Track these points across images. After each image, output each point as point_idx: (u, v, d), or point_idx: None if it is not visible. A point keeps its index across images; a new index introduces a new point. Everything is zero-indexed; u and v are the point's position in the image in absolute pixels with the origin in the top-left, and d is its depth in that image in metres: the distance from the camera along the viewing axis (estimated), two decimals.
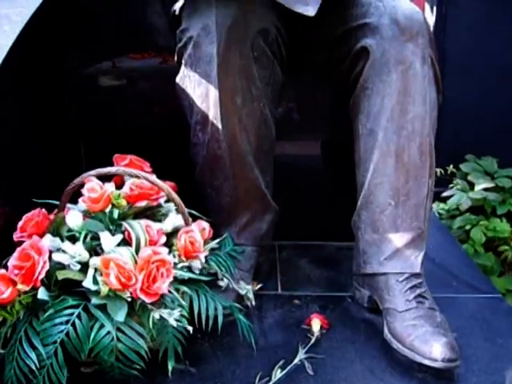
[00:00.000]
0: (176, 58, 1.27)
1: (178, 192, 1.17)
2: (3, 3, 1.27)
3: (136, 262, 1.01)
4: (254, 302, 1.22)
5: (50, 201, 1.16)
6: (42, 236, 1.07)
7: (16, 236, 1.10)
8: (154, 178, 1.12)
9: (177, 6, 1.51)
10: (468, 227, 2.23)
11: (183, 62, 1.22)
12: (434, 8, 2.35)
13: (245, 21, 1.16)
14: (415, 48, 1.19)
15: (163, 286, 1.00)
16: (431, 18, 2.39)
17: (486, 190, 2.25)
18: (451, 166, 2.36)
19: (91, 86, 1.53)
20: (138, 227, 1.06)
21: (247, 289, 1.22)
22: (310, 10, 1.08)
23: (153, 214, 1.16)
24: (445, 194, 2.26)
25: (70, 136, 1.52)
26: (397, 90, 1.19)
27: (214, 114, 1.19)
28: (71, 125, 1.51)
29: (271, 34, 1.21)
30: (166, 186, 1.10)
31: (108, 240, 1.03)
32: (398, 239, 1.22)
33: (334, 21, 1.26)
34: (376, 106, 1.21)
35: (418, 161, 1.21)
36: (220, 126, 1.19)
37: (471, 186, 2.32)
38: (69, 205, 1.14)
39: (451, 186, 2.32)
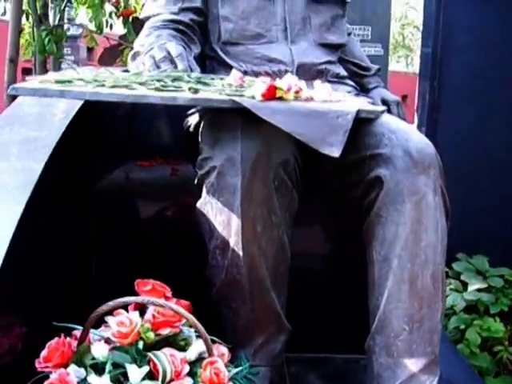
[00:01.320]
0: (196, 182, 1.30)
1: (192, 312, 1.19)
2: (30, 126, 1.32)
3: None
4: None
5: (70, 325, 1.17)
6: (65, 365, 1.08)
7: (40, 366, 1.10)
8: (177, 307, 1.14)
9: (191, 122, 1.56)
10: (463, 327, 2.27)
11: (205, 188, 1.25)
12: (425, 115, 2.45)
13: (268, 153, 1.20)
14: (427, 180, 1.24)
15: None
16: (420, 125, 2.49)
17: (479, 290, 2.30)
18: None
19: (106, 199, 1.56)
20: (164, 359, 1.07)
21: None
22: (335, 152, 1.12)
23: (174, 340, 1.18)
24: None
25: (82, 252, 1.54)
26: (410, 220, 1.24)
27: (234, 241, 1.22)
28: (85, 239, 1.54)
29: (291, 163, 1.25)
30: (191, 316, 1.12)
31: (135, 373, 1.04)
32: (413, 364, 1.24)
33: (346, 149, 1.31)
34: (390, 233, 1.25)
35: (431, 287, 1.24)
36: (240, 253, 1.22)
37: (464, 285, 2.37)
38: (92, 330, 1.15)
39: None
